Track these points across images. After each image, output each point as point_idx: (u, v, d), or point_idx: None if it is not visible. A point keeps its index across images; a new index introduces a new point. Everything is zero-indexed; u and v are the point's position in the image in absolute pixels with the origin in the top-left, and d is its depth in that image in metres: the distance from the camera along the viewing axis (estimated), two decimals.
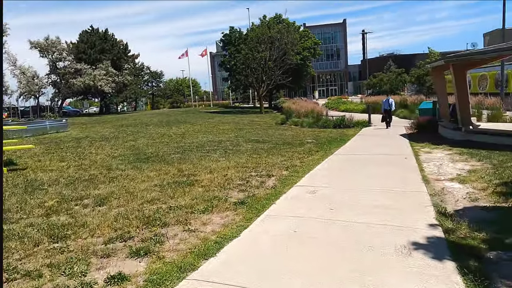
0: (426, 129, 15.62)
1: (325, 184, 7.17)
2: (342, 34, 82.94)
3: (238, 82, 44.06)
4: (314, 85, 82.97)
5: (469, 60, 11.34)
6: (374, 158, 9.81)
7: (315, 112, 24.46)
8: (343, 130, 18.70)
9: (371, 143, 13.18)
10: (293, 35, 39.78)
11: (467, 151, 10.03)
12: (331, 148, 12.29)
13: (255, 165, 9.16)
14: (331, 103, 40.54)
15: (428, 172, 7.83)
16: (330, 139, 14.96)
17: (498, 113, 17.94)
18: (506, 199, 5.68)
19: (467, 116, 12.25)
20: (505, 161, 8.26)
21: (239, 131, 19.04)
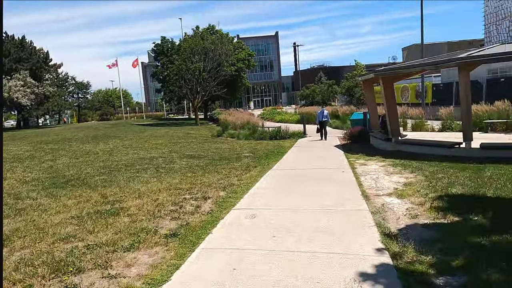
0: (358, 139, 16.03)
1: (265, 205, 6.72)
2: (275, 46, 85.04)
3: (171, 93, 42.72)
4: (249, 96, 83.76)
5: (397, 73, 11.80)
6: (312, 173, 9.62)
7: (251, 124, 24.29)
8: (280, 142, 18.63)
9: (308, 155, 13.12)
10: (227, 46, 39.61)
11: (399, 162, 10.27)
12: (269, 162, 11.98)
13: (190, 186, 8.46)
14: (266, 114, 40.88)
15: (367, 187, 7.76)
16: (268, 152, 14.71)
17: (421, 123, 19.10)
18: (444, 215, 5.66)
19: (397, 127, 12.71)
20: (435, 172, 8.50)
21: (173, 146, 18.10)
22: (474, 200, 6.23)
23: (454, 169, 8.66)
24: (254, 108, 72.75)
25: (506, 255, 4.17)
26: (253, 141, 19.52)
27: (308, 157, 12.62)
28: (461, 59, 9.85)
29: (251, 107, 72.00)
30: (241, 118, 26.57)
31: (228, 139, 22.09)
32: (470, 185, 7.11)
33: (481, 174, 7.96)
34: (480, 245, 4.52)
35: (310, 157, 12.57)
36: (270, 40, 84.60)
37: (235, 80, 43.00)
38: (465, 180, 7.57)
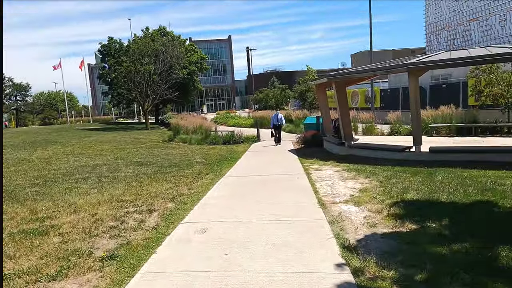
0: (312, 144, 15.97)
1: (217, 217, 6.20)
2: (228, 50, 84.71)
3: (120, 97, 40.83)
4: (202, 100, 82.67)
5: (350, 78, 11.81)
6: (267, 180, 9.24)
7: (204, 128, 23.59)
8: (233, 147, 18.18)
9: (262, 160, 12.77)
10: (179, 49, 38.58)
11: (353, 167, 10.18)
12: (222, 168, 11.46)
13: (134, 197, 7.72)
14: (219, 118, 40.29)
15: (323, 194, 7.49)
16: (221, 157, 14.18)
17: (371, 127, 19.50)
18: (402, 223, 5.47)
19: (350, 131, 12.72)
20: (389, 177, 8.44)
21: (120, 152, 17.01)
22: (429, 205, 6.14)
23: (406, 174, 8.67)
24: (207, 112, 71.81)
25: (468, 267, 3.99)
26: (205, 146, 18.89)
27: (262, 163, 12.27)
28: (411, 65, 9.98)
29: (204, 111, 70.99)
30: (193, 122, 25.75)
31: (179, 144, 21.27)
32: (424, 190, 7.06)
33: (433, 179, 8.00)
34: (441, 256, 4.32)
35: (264, 163, 12.22)
36: (223, 44, 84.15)
37: (188, 83, 42.00)
38: (419, 185, 7.54)
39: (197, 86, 45.16)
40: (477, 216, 5.46)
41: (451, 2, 46.27)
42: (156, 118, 47.07)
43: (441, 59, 9.74)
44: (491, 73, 15.47)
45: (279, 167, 11.22)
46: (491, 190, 6.79)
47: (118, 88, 38.29)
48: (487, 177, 7.83)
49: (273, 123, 17.57)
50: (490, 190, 6.77)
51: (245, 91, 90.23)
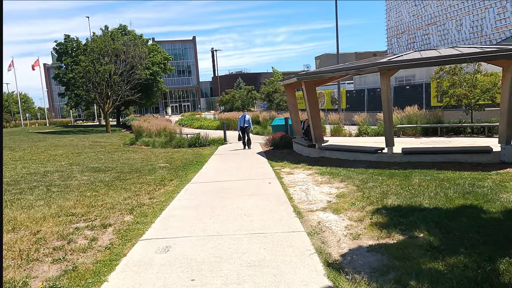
0: (281, 146, 15.46)
1: (182, 232, 5.44)
2: (193, 51, 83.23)
3: (78, 98, 38.69)
4: (166, 101, 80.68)
5: (321, 77, 11.37)
6: (236, 186, 8.55)
7: (168, 130, 22.52)
8: (199, 149, 17.36)
9: (230, 164, 12.07)
10: (141, 49, 37.09)
11: (326, 170, 9.71)
12: (187, 174, 10.65)
13: (87, 210, 6.79)
14: (185, 120, 39.11)
15: (298, 200, 6.91)
16: (186, 161, 13.34)
17: (339, 128, 19.31)
18: (388, 233, 4.97)
19: (320, 133, 12.30)
20: (365, 181, 8.01)
21: (76, 157, 15.73)
22: (412, 212, 5.70)
23: (382, 177, 8.28)
24: (172, 114, 70.06)
25: (471, 285, 3.51)
26: (170, 149, 17.94)
27: (231, 166, 11.57)
28: (383, 64, 9.65)
29: (169, 113, 69.19)
30: (157, 124, 24.58)
31: (142, 147, 20.16)
32: (404, 195, 6.65)
33: (410, 181, 7.63)
34: (438, 273, 3.82)
35: (232, 167, 11.53)
36: (187, 45, 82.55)
37: (151, 84, 40.53)
38: (397, 188, 7.13)
39: (160, 87, 43.72)
40: (465, 224, 5.06)
41: (411, 7, 47.73)
42: (118, 120, 45.12)
43: (413, 58, 9.48)
44: (454, 74, 15.62)
45: (249, 171, 10.56)
46: (472, 193, 6.47)
47: (76, 89, 36.22)
48: (464, 179, 7.56)
49: (240, 125, 16.46)
50: (471, 194, 6.45)
51: (211, 93, 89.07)
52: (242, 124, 16.35)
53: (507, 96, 8.99)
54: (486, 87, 14.76)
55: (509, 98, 8.91)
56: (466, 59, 9.01)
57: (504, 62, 8.89)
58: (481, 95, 15.10)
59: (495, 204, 5.80)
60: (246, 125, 16.33)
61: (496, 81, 14.92)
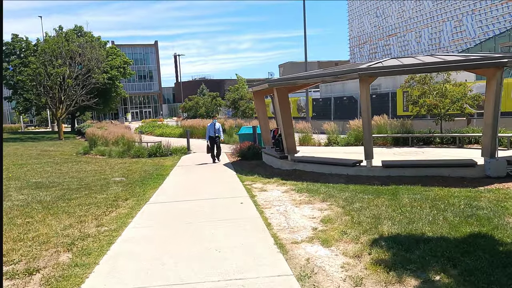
0: (249, 156, 14.37)
1: (134, 281, 4.15)
2: (155, 56, 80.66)
3: (27, 102, 35.63)
4: (126, 107, 77.46)
5: (294, 84, 10.44)
6: (202, 207, 7.32)
7: (126, 138, 20.76)
8: (161, 160, 15.88)
9: (195, 178, 10.77)
10: (99, 51, 34.81)
11: (303, 186, 8.70)
12: (145, 190, 9.27)
13: (12, 246, 5.28)
14: (145, 127, 37.09)
15: (277, 227, 5.81)
16: (145, 174, 11.90)
17: (307, 137, 18.54)
18: (397, 276, 3.96)
19: (293, 144, 11.34)
20: (350, 200, 7.05)
21: (18, 169, 13.78)
22: (417, 243, 4.76)
23: (367, 195, 7.36)
24: (132, 120, 67.16)
25: None
26: (128, 160, 16.31)
27: (195, 181, 10.29)
28: (363, 70, 8.84)
29: (129, 119, 66.25)
30: (114, 131, 22.67)
31: (97, 157, 18.32)
32: (399, 220, 5.73)
33: (400, 201, 6.77)
34: None
35: (198, 181, 10.26)
36: (149, 49, 79.87)
37: (109, 89, 38.19)
38: (388, 211, 6.22)
39: (120, 92, 41.38)
40: (485, 261, 4.17)
41: (372, 18, 48.70)
42: (73, 126, 42.18)
43: (396, 65, 8.74)
44: (425, 84, 15.29)
45: (216, 186, 9.35)
46: (473, 217, 5.67)
47: (25, 92, 33.30)
48: (457, 198, 6.80)
49: (208, 134, 14.06)
50: (473, 217, 5.64)
51: (173, 99, 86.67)
52: (212, 133, 14.02)
53: (492, 107, 8.43)
54: (456, 97, 14.50)
55: (494, 109, 8.35)
56: (451, 67, 8.39)
57: (489, 71, 8.34)
58: (451, 105, 14.83)
59: (506, 232, 4.99)
60: (216, 135, 14.10)
61: (465, 91, 14.72)
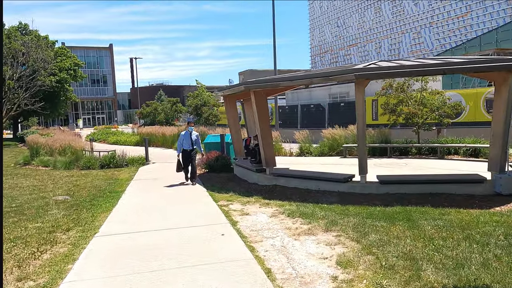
0: (217, 169, 12.63)
1: None
2: (109, 59, 76.26)
3: None
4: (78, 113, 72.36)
5: (276, 86, 8.91)
6: (170, 242, 5.50)
7: (75, 147, 18.18)
8: (114, 172, 13.70)
9: (157, 197, 8.84)
10: (46, 51, 31.44)
11: (292, 208, 7.13)
12: (95, 215, 7.26)
13: None
14: (98, 134, 33.98)
15: (282, 277, 4.15)
16: (95, 191, 9.80)
17: (278, 146, 17.09)
18: None
19: (272, 155, 9.79)
20: (360, 229, 5.56)
21: None
22: None
23: (378, 221, 5.92)
24: (84, 126, 62.60)
25: None
26: (76, 172, 13.94)
27: (158, 200, 8.37)
28: (360, 71, 7.49)
29: (80, 125, 61.64)
30: (61, 139, 19.86)
31: (39, 169, 15.70)
32: (443, 262, 4.29)
33: (423, 230, 5.37)
34: None
35: (161, 201, 8.36)
36: (103, 52, 75.36)
37: (57, 92, 34.70)
38: (419, 247, 4.78)
39: (70, 96, 37.85)
40: None
41: (333, 28, 48.85)
42: (15, 133, 37.93)
43: (397, 66, 7.48)
44: (402, 91, 14.42)
45: (185, 208, 7.52)
46: None
47: None
48: (487, 224, 5.54)
49: (182, 147, 10.32)
50: None
51: (129, 105, 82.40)
52: (188, 145, 10.26)
53: (502, 115, 7.39)
54: (435, 106, 13.72)
55: (505, 117, 7.30)
56: (458, 69, 7.26)
57: (500, 75, 7.31)
58: (430, 114, 14.05)
59: None
60: (192, 148, 10.26)
61: (444, 99, 14.01)
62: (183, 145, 10.31)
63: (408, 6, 37.91)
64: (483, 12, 30.66)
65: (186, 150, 10.29)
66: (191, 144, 10.29)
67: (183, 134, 10.46)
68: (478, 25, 30.92)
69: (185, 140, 10.31)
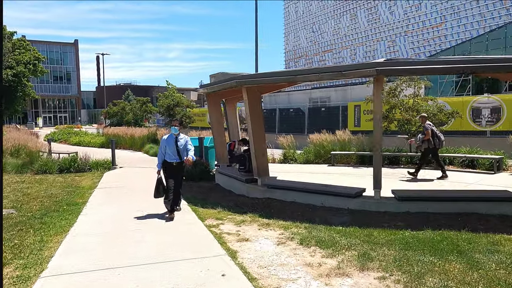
0: (196, 176, 10.98)
1: None
2: (74, 56, 71.93)
3: None
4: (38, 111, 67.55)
5: (276, 82, 7.44)
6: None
7: (30, 148, 15.81)
8: (75, 178, 11.72)
9: (127, 214, 7.06)
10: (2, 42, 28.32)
11: (300, 231, 5.66)
12: (45, 240, 5.46)
13: None
14: (59, 134, 31.10)
15: None
16: (50, 203, 7.90)
17: None
18: None
19: (265, 163, 8.32)
20: (408, 268, 4.17)
21: None
22: None
23: (424, 255, 4.52)
24: (44, 125, 58.29)
25: None
26: (29, 177, 11.81)
27: (129, 219, 6.61)
28: (382, 65, 6.17)
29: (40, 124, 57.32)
30: (15, 138, 17.33)
31: None
32: None
33: (494, 272, 4.05)
34: None
35: (132, 219, 6.61)
36: (68, 48, 70.90)
37: (14, 88, 31.45)
38: None
39: (28, 92, 34.53)
40: None
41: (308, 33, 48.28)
42: None
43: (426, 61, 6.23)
44: (394, 97, 13.42)
45: (166, 232, 5.84)
46: None
47: None
48: None
49: (163, 157, 6.91)
50: None
51: (94, 105, 78.15)
52: (173, 156, 6.82)
53: None
54: (432, 112, 12.77)
55: None
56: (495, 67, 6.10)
57: None
58: None
59: None
60: (181, 160, 6.88)
61: (440, 106, 13.11)
62: (165, 156, 6.79)
63: (383, 14, 37.96)
64: (457, 23, 31.05)
65: (170, 163, 6.75)
66: (177, 154, 6.74)
67: (165, 138, 6.95)
68: (452, 36, 31.31)
69: (168, 148, 6.75)
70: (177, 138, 6.85)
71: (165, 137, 7.04)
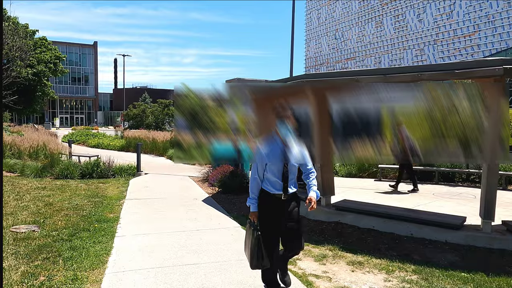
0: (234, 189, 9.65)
1: None
2: (93, 57, 71.65)
3: None
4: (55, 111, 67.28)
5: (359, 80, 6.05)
6: None
7: (50, 149, 14.66)
8: (99, 185, 10.46)
9: (174, 236, 5.70)
10: (24, 40, 27.54)
11: (413, 279, 4.24)
12: (80, 279, 4.11)
13: None
14: (76, 136, 30.10)
15: None
16: (77, 218, 6.61)
17: None
18: None
19: (331, 179, 6.89)
20: None
21: None
22: None
23: None
24: (60, 126, 57.77)
25: None
26: (49, 182, 10.61)
27: (181, 246, 5.25)
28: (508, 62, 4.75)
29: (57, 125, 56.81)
30: (33, 138, 16.24)
31: (3, 174, 12.08)
32: None
33: None
34: None
35: (186, 246, 5.24)
36: (87, 50, 70.66)
37: (34, 87, 30.67)
38: None
39: (47, 92, 33.80)
40: None
41: (331, 40, 46.94)
42: None
43: None
44: None
45: (230, 265, 4.47)
46: None
47: None
48: None
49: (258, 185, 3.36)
50: None
51: (110, 107, 77.71)
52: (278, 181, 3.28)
53: None
54: None
55: None
56: None
57: None
58: None
59: None
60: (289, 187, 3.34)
61: None
62: (268, 182, 3.33)
63: (412, 22, 36.37)
64: (492, 33, 29.33)
65: (277, 197, 3.32)
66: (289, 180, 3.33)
67: (261, 147, 3.36)
68: (486, 45, 29.58)
69: (273, 163, 3.28)
70: (287, 144, 3.31)
71: (261, 144, 3.39)
